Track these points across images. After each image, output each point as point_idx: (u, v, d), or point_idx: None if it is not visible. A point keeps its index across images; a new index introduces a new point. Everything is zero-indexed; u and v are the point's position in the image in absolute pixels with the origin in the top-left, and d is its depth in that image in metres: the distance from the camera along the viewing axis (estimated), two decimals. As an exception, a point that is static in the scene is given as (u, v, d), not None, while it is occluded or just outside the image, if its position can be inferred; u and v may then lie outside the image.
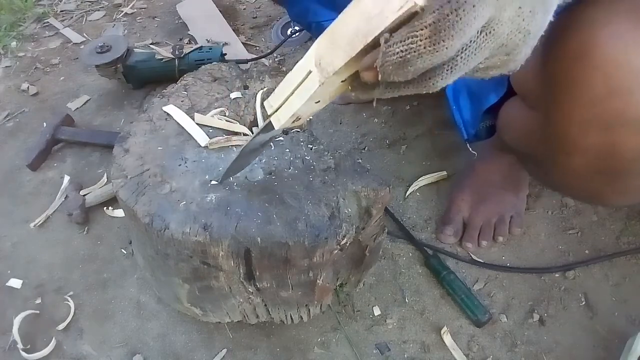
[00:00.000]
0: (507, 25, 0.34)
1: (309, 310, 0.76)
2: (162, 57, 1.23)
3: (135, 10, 1.58)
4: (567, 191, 0.76)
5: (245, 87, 0.80)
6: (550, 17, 0.37)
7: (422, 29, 0.31)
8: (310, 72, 0.42)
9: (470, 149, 0.87)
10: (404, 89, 0.36)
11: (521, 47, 0.36)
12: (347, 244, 0.64)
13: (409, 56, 0.32)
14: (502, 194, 0.94)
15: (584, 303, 0.85)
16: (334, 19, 0.38)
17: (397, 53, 0.32)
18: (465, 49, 0.33)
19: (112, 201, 1.03)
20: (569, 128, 0.54)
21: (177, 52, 1.23)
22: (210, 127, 0.73)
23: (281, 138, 0.71)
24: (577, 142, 0.55)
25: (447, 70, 0.34)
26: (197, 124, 0.73)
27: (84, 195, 1.03)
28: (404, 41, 0.32)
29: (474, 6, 0.31)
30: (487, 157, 0.94)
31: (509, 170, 0.91)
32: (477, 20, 0.31)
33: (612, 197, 0.61)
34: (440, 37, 0.31)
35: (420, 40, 0.32)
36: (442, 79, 0.34)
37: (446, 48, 0.32)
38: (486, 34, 0.33)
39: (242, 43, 1.40)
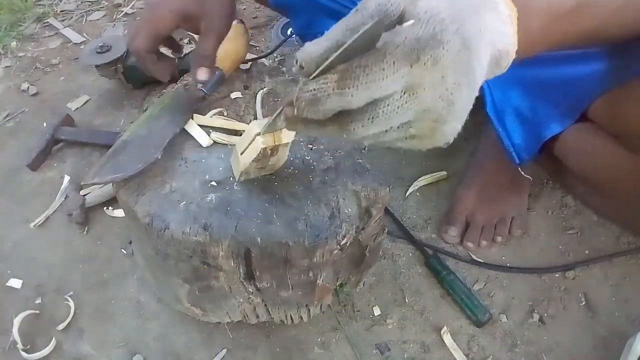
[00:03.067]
0: (429, 91, 0.36)
1: (309, 310, 0.76)
2: (162, 57, 1.23)
3: (135, 10, 1.58)
4: None
5: (246, 87, 0.80)
6: (475, 93, 0.39)
7: (332, 74, 0.36)
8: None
9: (524, 174, 0.85)
10: (326, 129, 0.39)
11: (446, 118, 0.37)
12: (347, 244, 0.64)
13: (319, 95, 0.36)
14: (506, 195, 0.94)
15: (584, 303, 0.85)
16: None
17: (310, 91, 0.37)
18: (388, 104, 0.36)
19: (112, 201, 1.03)
20: None
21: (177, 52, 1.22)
22: (210, 127, 0.73)
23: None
24: None
25: (368, 119, 0.37)
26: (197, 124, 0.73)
27: (84, 195, 1.03)
28: (317, 81, 0.36)
29: (383, 69, 0.35)
30: (495, 157, 0.94)
31: (514, 171, 0.91)
32: (385, 80, 0.35)
33: None
34: (345, 84, 0.35)
35: (329, 83, 0.36)
36: (362, 126, 0.37)
37: (351, 95, 0.35)
38: (409, 95, 0.36)
39: (242, 43, 1.40)
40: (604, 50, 0.66)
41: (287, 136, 0.56)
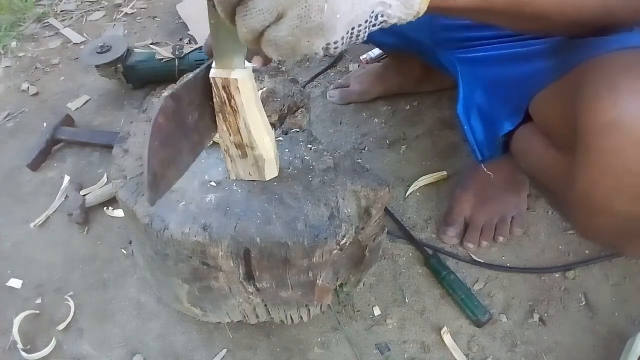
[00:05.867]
0: None
1: (309, 310, 0.76)
2: (162, 57, 1.23)
3: (135, 10, 1.58)
4: (585, 236, 0.76)
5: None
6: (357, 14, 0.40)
7: None
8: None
9: (486, 170, 0.86)
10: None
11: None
12: (347, 244, 0.64)
13: None
14: (505, 195, 0.94)
15: (584, 303, 0.85)
16: None
17: None
18: None
19: (112, 201, 1.03)
20: (596, 191, 0.52)
21: (177, 52, 1.23)
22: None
23: (280, 138, 0.71)
24: (604, 205, 0.53)
25: (245, 10, 0.41)
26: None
27: (84, 195, 1.03)
28: None
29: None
30: None
31: (511, 171, 0.91)
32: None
33: (634, 250, 0.60)
34: None
35: None
36: (243, 16, 0.41)
37: None
38: None
39: (242, 43, 1.39)
40: (549, 48, 0.67)
41: (239, 75, 0.53)
